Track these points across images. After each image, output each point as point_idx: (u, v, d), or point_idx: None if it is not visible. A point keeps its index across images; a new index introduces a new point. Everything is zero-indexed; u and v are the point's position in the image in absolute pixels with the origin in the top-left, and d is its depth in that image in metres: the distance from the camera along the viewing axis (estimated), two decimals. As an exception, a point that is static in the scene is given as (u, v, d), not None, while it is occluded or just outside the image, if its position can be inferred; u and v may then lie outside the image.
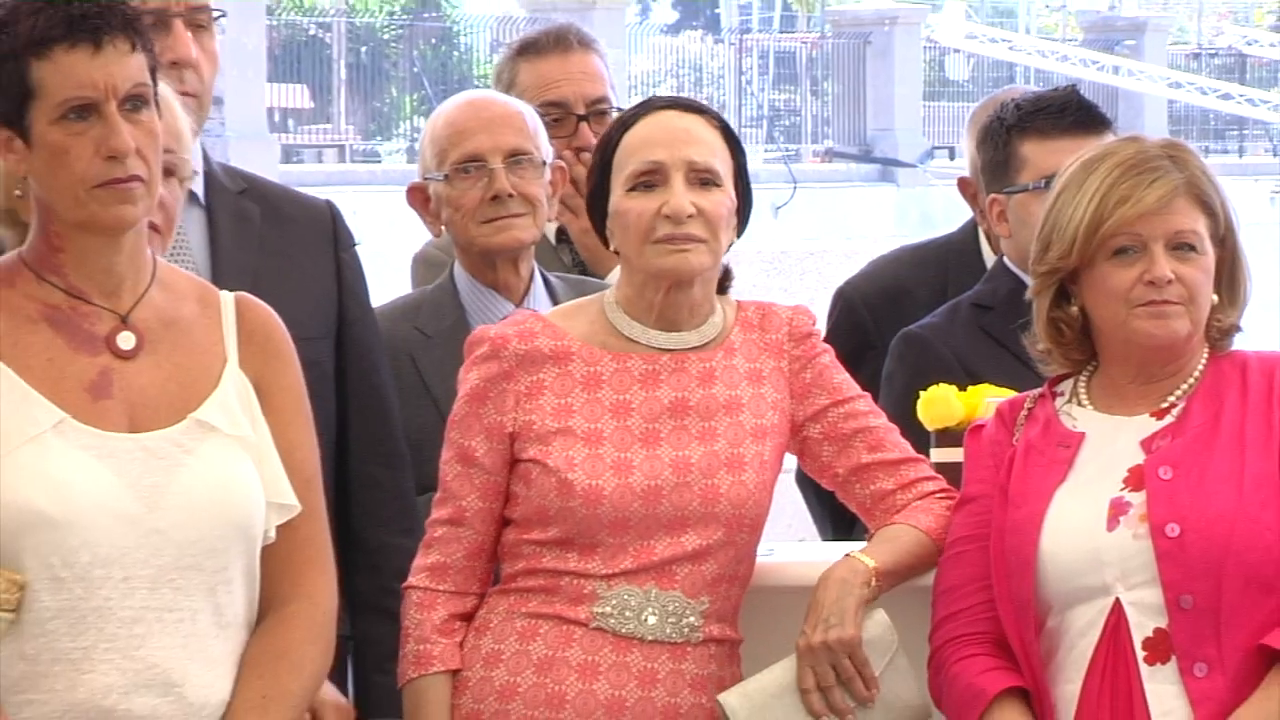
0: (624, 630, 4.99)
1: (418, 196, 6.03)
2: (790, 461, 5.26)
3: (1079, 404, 5.02)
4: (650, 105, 5.19)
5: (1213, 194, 4.95)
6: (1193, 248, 4.90)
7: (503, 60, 6.79)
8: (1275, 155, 40.58)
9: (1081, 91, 6.61)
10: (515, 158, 5.87)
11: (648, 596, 5.01)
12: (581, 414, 5.06)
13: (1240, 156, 38.83)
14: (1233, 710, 4.79)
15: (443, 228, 6.01)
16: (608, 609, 5.00)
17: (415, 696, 5.06)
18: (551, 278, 6.00)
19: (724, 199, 5.09)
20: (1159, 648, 4.84)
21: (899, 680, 5.02)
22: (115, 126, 4.56)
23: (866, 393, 5.30)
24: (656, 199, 5.03)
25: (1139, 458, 4.91)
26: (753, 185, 5.22)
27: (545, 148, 6.00)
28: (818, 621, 4.97)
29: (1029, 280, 5.10)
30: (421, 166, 6.05)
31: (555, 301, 5.91)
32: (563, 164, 6.09)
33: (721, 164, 5.09)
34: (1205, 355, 4.99)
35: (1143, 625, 4.85)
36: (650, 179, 5.04)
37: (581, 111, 6.21)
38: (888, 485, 5.15)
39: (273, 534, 4.72)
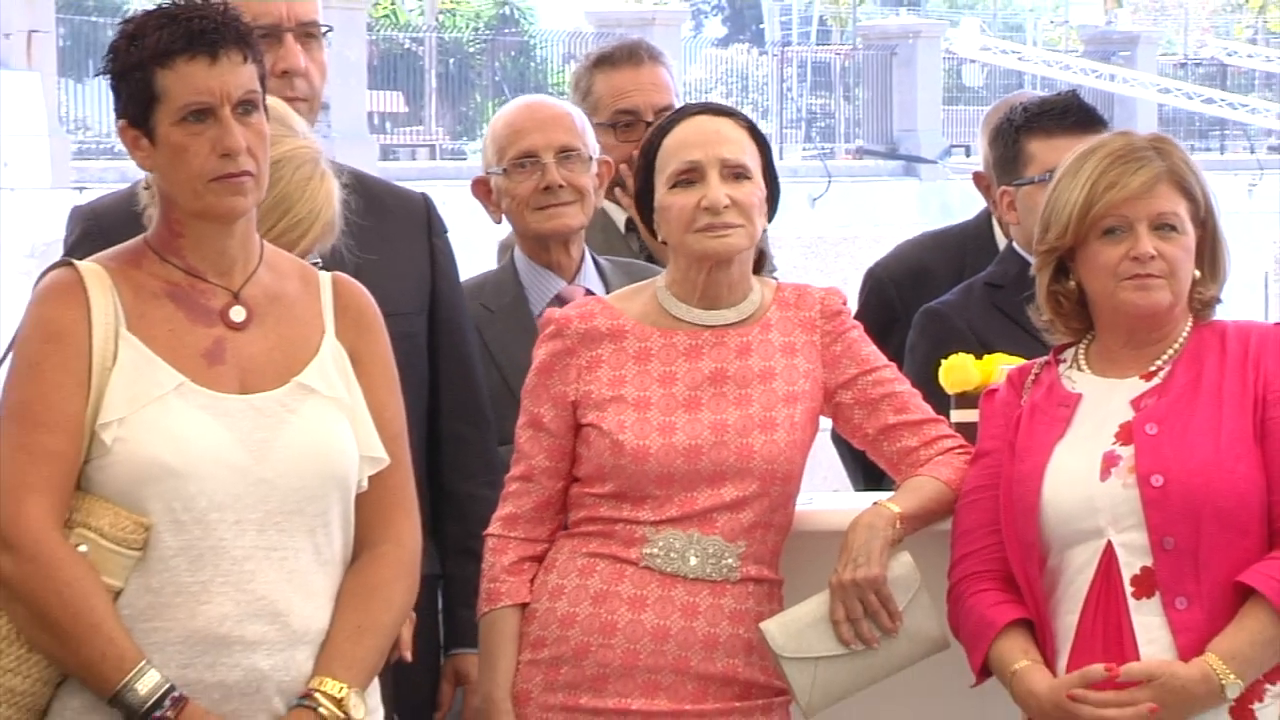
0: (669, 569, 4.99)
1: (481, 188, 6.03)
2: (826, 423, 5.25)
3: (1078, 369, 5.01)
4: (685, 112, 5.23)
5: (1193, 181, 4.95)
6: (1173, 228, 4.89)
7: (580, 71, 6.78)
8: (1252, 152, 40.63)
9: (1081, 96, 6.60)
10: (565, 153, 5.87)
11: (690, 540, 5.00)
12: (632, 384, 5.07)
13: (1222, 153, 38.81)
14: (1209, 639, 4.78)
15: (502, 215, 6.00)
16: (655, 550, 5.00)
17: (487, 628, 5.08)
18: (601, 260, 5.99)
19: (754, 189, 5.09)
20: (1145, 584, 4.83)
21: (921, 614, 5.01)
22: (229, 128, 4.57)
23: (893, 362, 5.29)
24: (696, 193, 5.02)
25: (1129, 415, 4.90)
26: (792, 180, 5.25)
27: (592, 144, 6.00)
28: (848, 561, 4.97)
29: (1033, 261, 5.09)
30: (484, 162, 6.05)
31: (604, 279, 5.95)
32: (609, 159, 6.09)
33: (750, 159, 5.08)
34: (1189, 324, 4.97)
35: (1131, 564, 4.84)
36: (689, 176, 5.04)
37: (650, 118, 6.19)
38: (912, 443, 5.14)
39: (365, 483, 4.72)
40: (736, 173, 5.06)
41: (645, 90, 6.39)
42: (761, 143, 5.18)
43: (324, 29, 5.54)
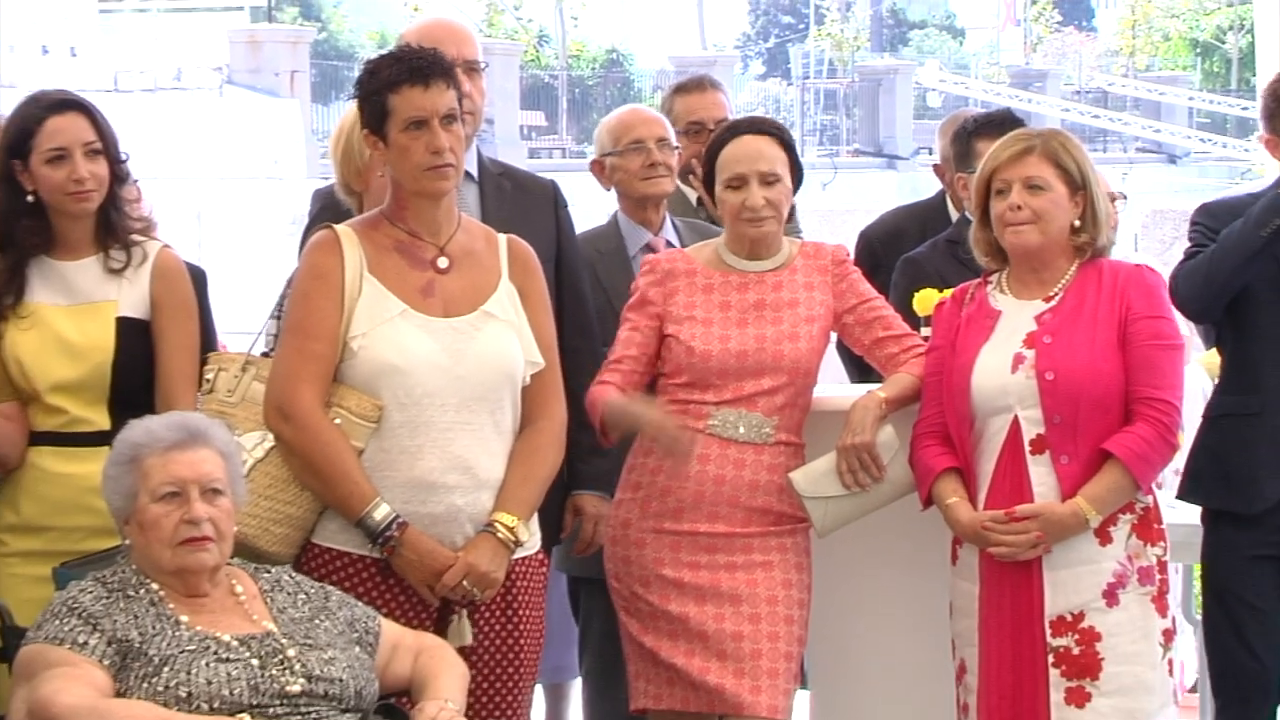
0: (725, 435, 4.96)
1: (596, 167, 5.93)
2: (833, 338, 5.25)
3: (1000, 291, 4.94)
4: (737, 129, 5.14)
5: (1065, 157, 4.86)
6: (1040, 187, 4.81)
7: (665, 95, 6.74)
8: (1125, 152, 40.49)
9: (1013, 112, 6.55)
10: (661, 142, 5.81)
11: (740, 415, 4.97)
12: (700, 308, 5.03)
13: (1104, 152, 38.49)
14: (1082, 485, 4.76)
15: (611, 186, 5.92)
16: (715, 422, 4.97)
17: (605, 409, 4.98)
18: (677, 220, 5.93)
19: (784, 189, 5.04)
20: (1039, 445, 4.80)
21: (899, 468, 4.98)
22: (437, 134, 4.59)
23: (880, 295, 5.27)
24: (742, 195, 4.98)
25: (1033, 327, 4.85)
26: (809, 170, 5.19)
27: (674, 139, 5.93)
28: (848, 431, 4.95)
29: None
30: (599, 148, 5.95)
31: (679, 234, 5.87)
32: (682, 152, 5.99)
33: (781, 167, 5.03)
34: (1077, 263, 4.90)
35: (1030, 431, 4.80)
36: (737, 183, 4.99)
37: (712, 127, 6.08)
38: (894, 350, 5.10)
39: (528, 379, 4.74)
40: (770, 180, 5.00)
41: (709, 108, 6.34)
42: (789, 149, 5.10)
43: (483, 65, 5.54)
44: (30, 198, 4.82)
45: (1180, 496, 5.23)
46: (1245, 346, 5.31)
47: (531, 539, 4.76)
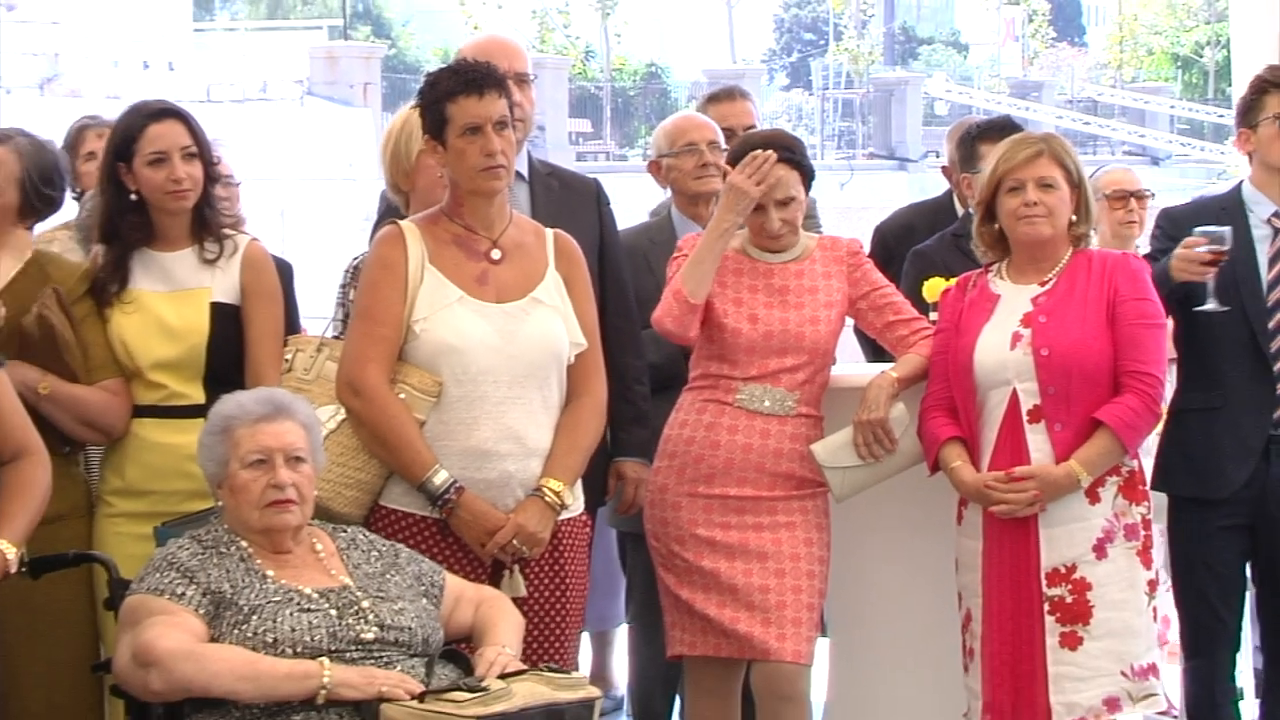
0: (751, 408, 4.95)
1: (653, 167, 5.93)
2: (849, 322, 5.23)
3: (999, 278, 4.94)
4: (748, 144, 5.06)
5: (1066, 158, 4.86)
6: (1051, 186, 4.82)
7: (699, 104, 6.71)
8: (1112, 154, 40.36)
9: (1012, 118, 6.53)
10: (713, 144, 5.79)
11: (765, 390, 4.96)
12: (731, 288, 5.00)
13: (1094, 155, 38.36)
14: (1074, 451, 4.76)
15: (667, 185, 5.90)
16: (743, 396, 4.95)
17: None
18: None
19: (798, 205, 5.01)
20: (1036, 415, 4.80)
21: (908, 440, 4.96)
22: (490, 139, 4.57)
23: (892, 283, 5.25)
24: (760, 219, 4.98)
25: (1029, 309, 4.84)
26: (828, 172, 5.20)
27: (724, 142, 5.86)
28: (863, 407, 4.94)
29: None
30: (656, 150, 5.95)
31: None
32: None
33: (795, 187, 4.98)
34: (1070, 251, 4.90)
35: (1027, 402, 4.80)
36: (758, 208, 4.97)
37: (740, 132, 6.10)
38: (904, 332, 5.08)
39: (572, 358, 4.72)
40: (785, 202, 4.98)
41: (738, 115, 6.30)
42: (800, 165, 5.03)
43: (532, 76, 5.53)
44: (133, 196, 4.82)
45: (1152, 487, 5.19)
46: (1205, 347, 5.25)
47: (576, 502, 4.75)
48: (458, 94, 4.59)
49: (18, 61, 33.78)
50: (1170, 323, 5.11)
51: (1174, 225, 5.31)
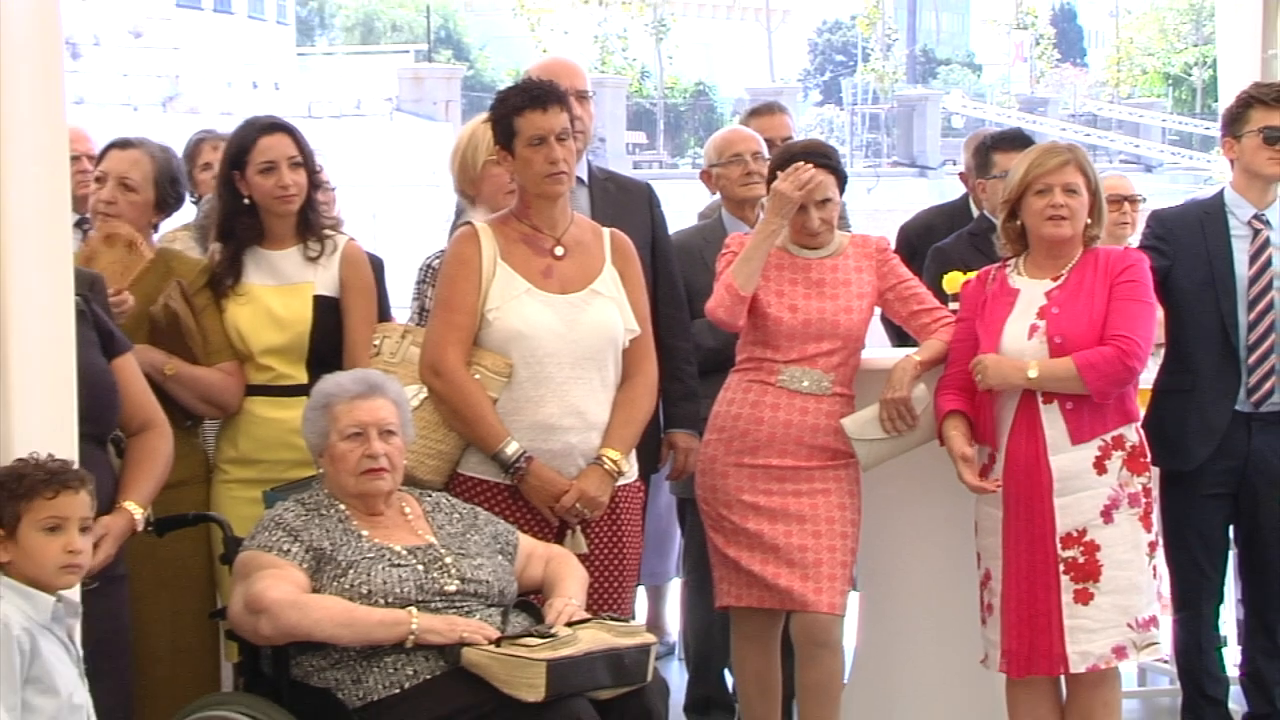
0: (791, 387, 4.92)
1: (705, 176, 5.90)
2: (877, 311, 5.18)
3: (1017, 273, 4.89)
4: (789, 153, 5.04)
5: (1088, 168, 4.83)
6: (1074, 191, 4.78)
7: (743, 117, 6.67)
8: (1110, 163, 40.06)
9: (1023, 130, 6.51)
10: (757, 155, 5.75)
11: (804, 371, 4.93)
12: (774, 280, 4.96)
13: (1095, 163, 38.15)
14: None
15: (717, 190, 5.87)
16: (784, 377, 4.93)
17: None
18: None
19: (835, 207, 4.99)
20: (1049, 396, 4.76)
21: (929, 418, 4.92)
22: (553, 149, 4.55)
23: (915, 276, 5.22)
24: (802, 218, 4.95)
25: (1044, 302, 4.81)
26: (856, 178, 5.12)
27: (767, 152, 5.80)
28: (888, 387, 4.92)
29: (996, 223, 5.00)
30: (706, 160, 5.92)
31: None
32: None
33: (831, 190, 4.96)
34: (1081, 250, 4.87)
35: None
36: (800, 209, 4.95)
37: (779, 142, 6.06)
38: (927, 320, 5.05)
39: (627, 343, 4.71)
40: (823, 203, 4.95)
41: (777, 128, 6.25)
42: (835, 169, 5.01)
43: (591, 93, 5.50)
44: (246, 200, 4.83)
45: None
46: (1181, 334, 5.29)
47: (631, 470, 4.74)
48: (525, 108, 4.58)
49: (144, 83, 33.99)
50: (1160, 313, 5.11)
51: (1162, 226, 5.37)
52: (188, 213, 5.46)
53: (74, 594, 3.65)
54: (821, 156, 4.99)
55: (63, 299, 3.78)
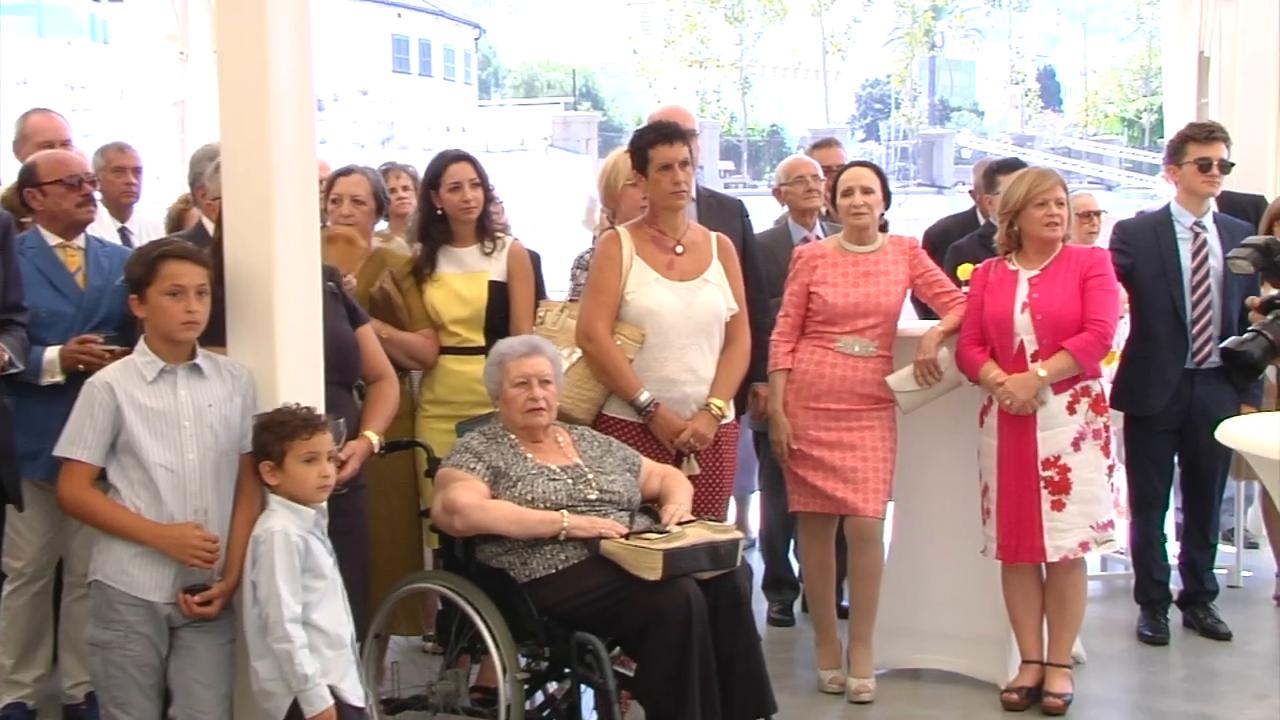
0: (846, 351, 4.85)
1: (776, 193, 5.83)
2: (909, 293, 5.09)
3: (1012, 265, 4.81)
4: (852, 164, 5.05)
5: (1066, 186, 4.76)
6: (1062, 203, 4.72)
7: (806, 149, 6.59)
8: (1080, 184, 39.25)
9: (1019, 159, 6.41)
10: (815, 176, 5.70)
11: (855, 339, 4.85)
12: (830, 276, 4.90)
13: (1081, 184, 37.53)
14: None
15: (784, 204, 5.81)
16: (841, 344, 4.86)
17: (772, 378, 4.92)
18: (824, 223, 5.78)
19: (875, 197, 4.91)
20: (1035, 357, 4.71)
21: (951, 373, 4.85)
22: (677, 174, 4.51)
23: (938, 266, 5.11)
24: (849, 200, 4.89)
25: (1029, 287, 4.75)
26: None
27: (822, 174, 5.80)
28: (919, 350, 4.84)
29: (997, 225, 4.90)
30: (776, 181, 5.85)
31: (823, 231, 5.72)
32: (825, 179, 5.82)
33: (872, 183, 4.91)
34: (1060, 246, 4.78)
35: (1030, 348, 4.72)
36: (847, 192, 4.88)
37: (835, 169, 5.99)
38: (946, 300, 4.93)
39: (728, 318, 4.65)
40: (866, 189, 4.89)
41: (833, 157, 6.16)
42: (881, 176, 4.98)
43: (697, 132, 5.44)
44: (439, 211, 4.84)
45: (1111, 406, 5.13)
46: (1143, 313, 5.35)
47: (730, 413, 4.69)
48: (657, 143, 4.54)
49: (368, 128, 34.30)
50: (1124, 294, 5.14)
51: (1125, 233, 5.44)
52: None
53: (322, 505, 3.67)
54: (868, 165, 5.02)
55: (313, 286, 3.79)
